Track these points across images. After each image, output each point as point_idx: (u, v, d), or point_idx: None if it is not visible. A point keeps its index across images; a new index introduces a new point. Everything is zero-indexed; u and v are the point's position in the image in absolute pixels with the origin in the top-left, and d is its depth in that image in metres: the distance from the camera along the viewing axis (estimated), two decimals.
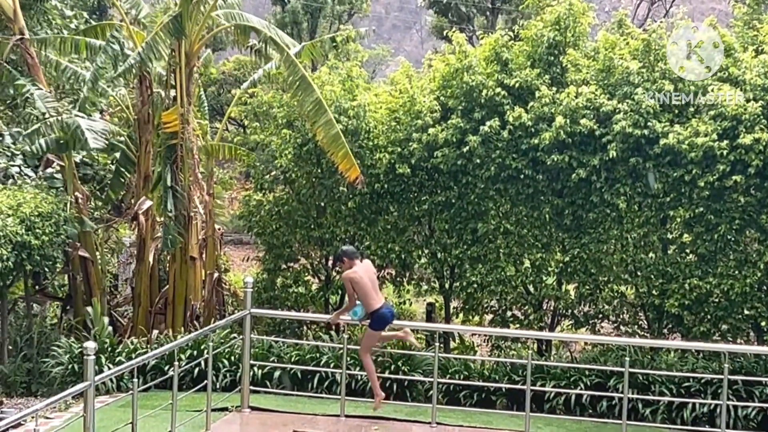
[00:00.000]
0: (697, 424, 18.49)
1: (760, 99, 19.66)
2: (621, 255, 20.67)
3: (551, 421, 18.69)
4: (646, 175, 20.11)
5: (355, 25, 42.66)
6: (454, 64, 21.79)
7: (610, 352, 20.00)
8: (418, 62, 25.85)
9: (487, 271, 21.43)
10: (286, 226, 22.83)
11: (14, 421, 14.69)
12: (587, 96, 20.38)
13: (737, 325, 20.37)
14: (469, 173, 21.16)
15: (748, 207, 19.74)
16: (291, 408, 18.90)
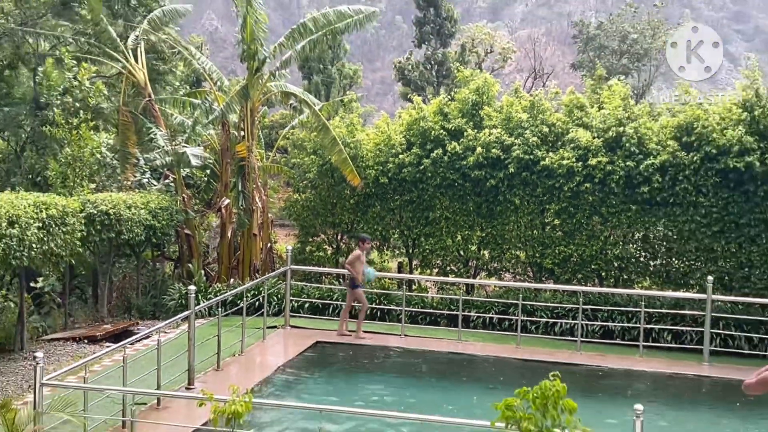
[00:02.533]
0: (564, 335, 18.56)
1: (600, 137, 19.72)
2: (516, 232, 20.69)
3: (474, 334, 18.79)
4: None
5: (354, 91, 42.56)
6: (414, 116, 21.84)
7: (510, 291, 20.02)
8: (393, 115, 25.82)
9: (435, 242, 21.49)
10: (312, 215, 22.85)
11: (145, 334, 14.67)
12: (496, 135, 20.44)
13: (587, 275, 20.42)
14: (423, 182, 21.18)
15: (594, 203, 19.79)
16: (315, 326, 18.98)
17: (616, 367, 16.79)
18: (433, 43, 43.36)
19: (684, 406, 15.02)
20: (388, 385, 15.81)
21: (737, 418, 13.86)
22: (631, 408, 8.64)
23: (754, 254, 18.83)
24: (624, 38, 50.06)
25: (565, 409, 7.36)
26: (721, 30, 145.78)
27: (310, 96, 24.86)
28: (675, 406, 14.84)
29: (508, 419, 7.50)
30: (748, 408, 13.48)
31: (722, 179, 18.84)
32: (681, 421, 14.02)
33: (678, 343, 18.21)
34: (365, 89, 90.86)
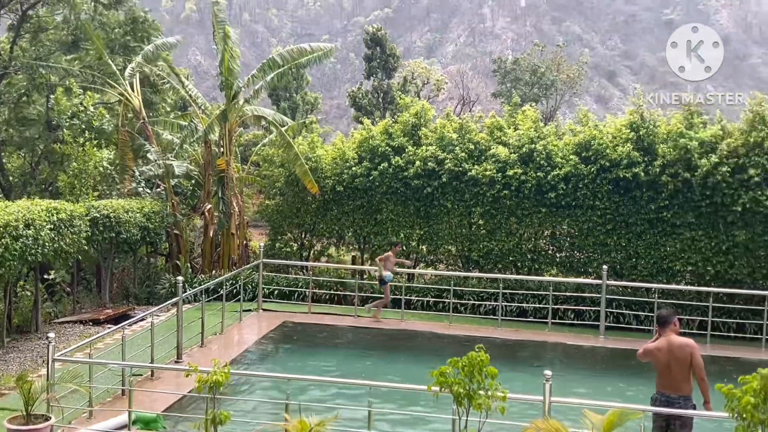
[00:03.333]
0: (487, 315, 18.68)
1: (516, 152, 19.86)
2: (448, 230, 20.73)
3: (415, 314, 18.84)
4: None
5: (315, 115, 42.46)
6: (364, 135, 21.79)
7: (444, 279, 20.11)
8: (347, 134, 25.76)
9: (382, 239, 21.43)
10: (280, 217, 22.64)
11: (141, 317, 14.51)
12: (431, 151, 20.46)
13: (506, 265, 20.53)
14: (372, 190, 21.14)
15: (511, 206, 19.90)
16: (283, 309, 18.90)
17: (529, 339, 16.99)
18: (379, 76, 43.36)
19: (584, 371, 15.22)
20: (343, 356, 15.84)
21: (624, 380, 14.09)
22: (541, 373, 8.74)
23: (640, 247, 19.11)
24: (534, 72, 50.65)
25: (488, 374, 7.45)
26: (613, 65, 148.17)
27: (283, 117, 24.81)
28: (577, 372, 15.03)
29: (442, 384, 7.57)
30: (632, 371, 13.68)
31: (614, 187, 19.08)
32: (581, 383, 14.20)
33: (579, 320, 18.44)
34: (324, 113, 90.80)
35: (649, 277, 18.99)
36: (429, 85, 49.16)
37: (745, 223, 18.06)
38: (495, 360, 7.65)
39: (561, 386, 12.39)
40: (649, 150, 18.89)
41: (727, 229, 18.29)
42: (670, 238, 18.84)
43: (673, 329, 8.96)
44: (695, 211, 18.53)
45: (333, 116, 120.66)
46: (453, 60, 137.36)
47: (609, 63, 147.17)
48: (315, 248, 23.28)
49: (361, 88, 44.27)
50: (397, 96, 27.55)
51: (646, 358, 9.09)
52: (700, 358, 8.70)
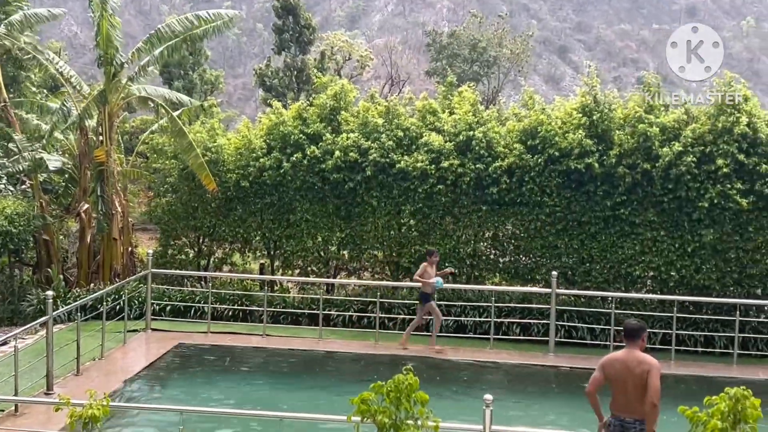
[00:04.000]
0: (419, 329, 18.78)
1: (452, 140, 20.05)
2: (374, 232, 20.79)
3: (335, 331, 18.86)
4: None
5: (215, 97, 42.10)
6: (274, 120, 21.71)
7: (369, 290, 20.18)
8: (254, 119, 25.63)
9: (296, 244, 21.39)
10: (173, 219, 22.37)
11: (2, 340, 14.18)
12: (353, 139, 20.49)
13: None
14: (284, 185, 21.06)
15: (447, 203, 20.08)
16: (177, 329, 18.73)
17: (468, 359, 17.14)
18: (292, 51, 43.19)
19: (530, 395, 15.43)
20: (250, 384, 15.69)
21: (576, 403, 14.30)
22: (481, 398, 8.82)
23: (594, 250, 19.49)
24: (474, 47, 51.13)
25: (417, 401, 7.46)
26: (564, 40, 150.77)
27: (183, 97, 24.51)
28: (522, 395, 15.24)
29: (364, 413, 7.55)
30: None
31: (565, 180, 19.42)
32: (527, 408, 14.41)
33: (526, 335, 18.71)
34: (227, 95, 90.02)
35: (605, 284, 19.39)
36: (351, 61, 49.22)
37: (712, 220, 18.61)
38: (428, 383, 7.70)
39: (504, 412, 12.59)
40: (604, 137, 19.29)
41: (693, 228, 18.80)
42: (629, 239, 19.26)
43: (640, 345, 9.15)
44: (656, 208, 19.00)
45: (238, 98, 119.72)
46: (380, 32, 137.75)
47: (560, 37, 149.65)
48: (215, 255, 23.08)
49: (270, 65, 44.03)
50: (313, 74, 27.50)
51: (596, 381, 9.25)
52: (657, 379, 8.84)
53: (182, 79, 42.32)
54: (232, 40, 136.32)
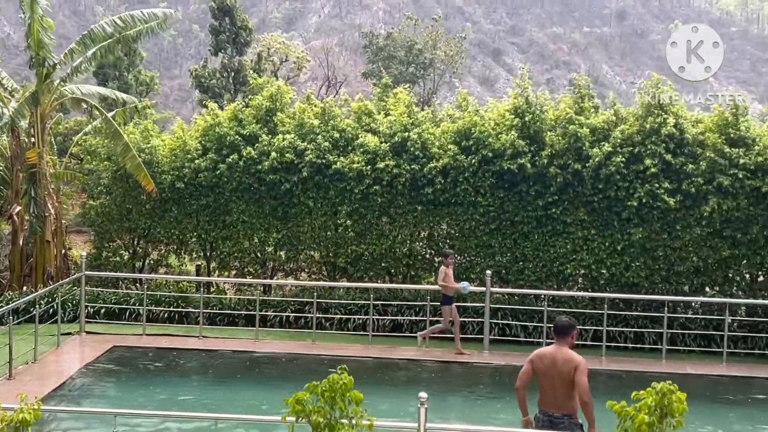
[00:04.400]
0: (357, 330, 18.78)
1: (387, 142, 20.08)
2: (311, 233, 20.73)
3: (272, 332, 18.77)
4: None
5: (151, 98, 41.59)
6: (209, 121, 21.54)
7: (306, 290, 20.10)
8: (191, 121, 25.40)
9: (232, 245, 21.25)
10: (107, 221, 22.05)
11: None
12: (289, 140, 20.42)
13: (378, 272, 20.72)
14: (220, 187, 20.90)
15: (383, 204, 20.10)
16: (112, 331, 18.48)
17: (404, 358, 17.18)
18: (229, 52, 42.89)
19: (466, 392, 15.53)
20: (185, 386, 15.53)
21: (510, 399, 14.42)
22: (416, 396, 8.83)
23: (527, 249, 19.68)
24: (410, 49, 51.32)
25: (352, 400, 7.46)
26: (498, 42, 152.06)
27: (119, 93, 24.17)
28: (457, 392, 15.33)
29: (299, 413, 7.52)
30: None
31: (498, 180, 19.58)
32: (462, 405, 14.50)
33: (462, 333, 18.78)
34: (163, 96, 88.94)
35: (537, 282, 19.60)
36: (288, 63, 49.04)
37: (641, 219, 18.92)
38: (365, 383, 7.69)
39: (440, 410, 12.64)
40: (536, 138, 19.50)
41: (622, 227, 19.10)
42: (560, 238, 19.50)
43: (569, 341, 9.25)
44: (587, 207, 19.27)
45: (174, 99, 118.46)
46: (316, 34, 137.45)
47: (494, 40, 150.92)
48: (151, 257, 22.81)
49: (206, 66, 43.66)
50: (249, 76, 27.30)
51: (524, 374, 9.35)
52: (584, 376, 8.95)
53: (117, 80, 41.67)
54: (168, 41, 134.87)
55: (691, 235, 18.81)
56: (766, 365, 17.47)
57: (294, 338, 18.54)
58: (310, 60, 54.11)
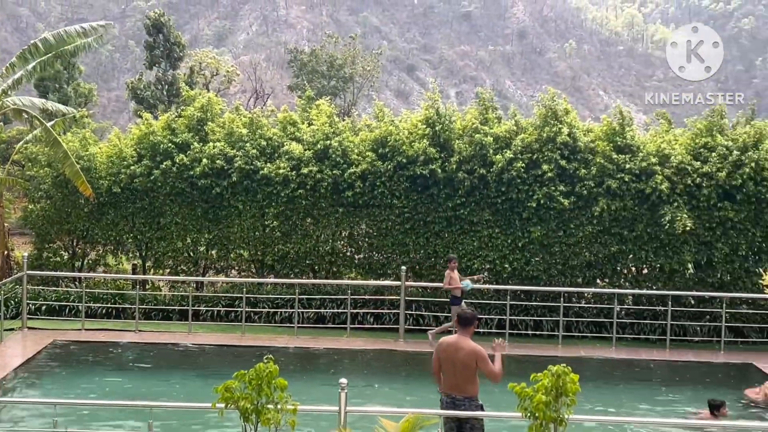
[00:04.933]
0: (283, 323, 18.65)
1: (311, 149, 19.97)
2: (240, 233, 20.47)
3: (204, 326, 18.55)
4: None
5: (89, 109, 40.69)
6: (144, 130, 21.14)
7: (236, 286, 19.89)
8: (126, 130, 24.91)
9: (166, 245, 20.87)
10: (48, 223, 21.43)
11: None
12: (219, 148, 20.16)
13: (303, 269, 20.58)
14: (154, 191, 20.52)
15: (307, 206, 19.96)
16: (52, 327, 18.04)
17: (327, 347, 17.16)
18: (163, 66, 42.34)
19: (383, 377, 15.57)
20: (123, 377, 15.24)
21: (424, 384, 14.53)
22: (337, 382, 8.82)
23: (438, 246, 19.79)
24: (331, 64, 51.36)
25: (277, 387, 7.43)
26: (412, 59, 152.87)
27: (59, 105, 23.52)
28: (376, 378, 15.36)
29: (228, 400, 7.47)
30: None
31: (412, 184, 19.65)
32: (380, 389, 14.53)
33: (379, 323, 18.87)
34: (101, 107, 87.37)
35: None
36: (219, 76, 48.65)
37: (539, 219, 19.21)
38: (290, 371, 7.67)
39: (359, 395, 12.65)
40: (446, 146, 19.63)
41: (523, 226, 19.36)
42: (468, 236, 19.66)
43: (470, 331, 9.36)
44: (491, 208, 19.47)
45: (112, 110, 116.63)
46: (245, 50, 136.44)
47: (408, 56, 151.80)
48: (89, 257, 22.26)
49: (141, 79, 42.98)
50: (182, 88, 26.90)
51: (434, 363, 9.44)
52: (487, 365, 9.05)
53: (57, 92, 40.71)
54: (106, 56, 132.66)
55: (584, 233, 19.14)
56: (651, 348, 17.93)
57: (225, 331, 18.35)
58: (239, 74, 53.71)
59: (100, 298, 19.43)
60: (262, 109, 25.10)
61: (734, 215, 18.60)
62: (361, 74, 52.93)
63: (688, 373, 16.24)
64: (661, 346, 17.97)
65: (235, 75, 50.87)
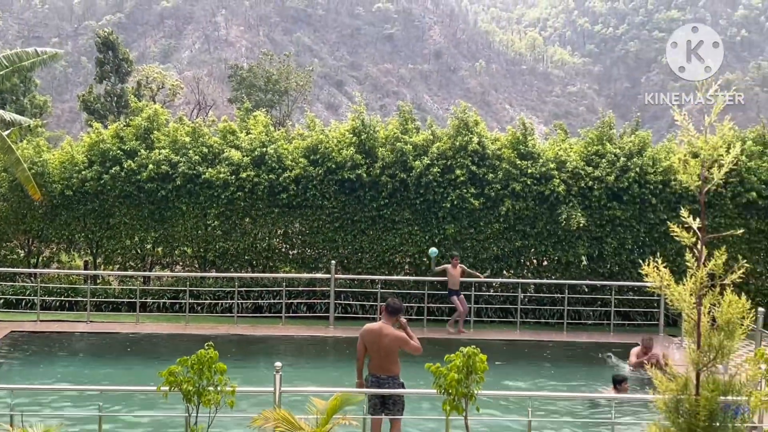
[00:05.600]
0: (224, 313, 18.39)
1: (249, 155, 19.76)
2: (184, 232, 20.12)
3: (151, 316, 18.20)
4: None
5: (44, 119, 39.55)
6: (95, 138, 20.61)
7: (180, 280, 19.55)
8: (78, 139, 24.23)
9: (116, 243, 20.40)
10: (5, 224, 20.72)
11: None
12: (164, 154, 19.78)
13: (242, 264, 20.37)
14: (104, 194, 20.03)
15: (245, 207, 19.74)
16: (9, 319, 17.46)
17: (264, 334, 17.02)
18: (112, 80, 41.40)
19: (315, 361, 15.51)
20: (77, 364, 14.85)
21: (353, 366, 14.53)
22: (273, 365, 8.75)
23: (365, 242, 19.80)
24: (268, 79, 50.96)
25: (217, 370, 7.33)
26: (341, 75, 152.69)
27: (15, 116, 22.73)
28: (308, 361, 15.30)
29: (171, 383, 7.34)
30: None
31: (340, 187, 19.62)
32: (312, 372, 14.48)
33: (311, 312, 18.78)
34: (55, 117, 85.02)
35: (372, 269, 19.75)
36: (164, 90, 47.84)
37: (453, 217, 19.38)
38: (230, 356, 7.55)
39: (294, 377, 12.58)
40: (370, 153, 19.65)
41: (439, 224, 19.50)
42: (391, 233, 19.71)
43: (394, 321, 9.38)
44: (411, 208, 19.56)
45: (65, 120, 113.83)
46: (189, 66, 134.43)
47: (337, 73, 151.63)
48: (44, 255, 21.63)
49: (92, 91, 41.93)
50: (131, 100, 26.31)
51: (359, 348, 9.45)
52: (409, 344, 9.16)
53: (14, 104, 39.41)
54: (60, 70, 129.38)
55: (492, 230, 19.38)
56: (550, 331, 18.28)
57: (170, 321, 18.01)
58: (183, 87, 52.93)
59: (54, 292, 18.91)
60: (204, 119, 24.73)
61: (621, 214, 19.10)
62: (295, 88, 52.66)
63: (583, 352, 16.59)
64: (559, 329, 18.32)
65: (180, 88, 50.10)
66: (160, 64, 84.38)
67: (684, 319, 5.85)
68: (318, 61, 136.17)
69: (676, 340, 16.77)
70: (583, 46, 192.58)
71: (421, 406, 11.53)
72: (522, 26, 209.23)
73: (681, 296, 5.70)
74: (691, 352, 5.69)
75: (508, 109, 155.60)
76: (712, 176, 5.67)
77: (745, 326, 5.66)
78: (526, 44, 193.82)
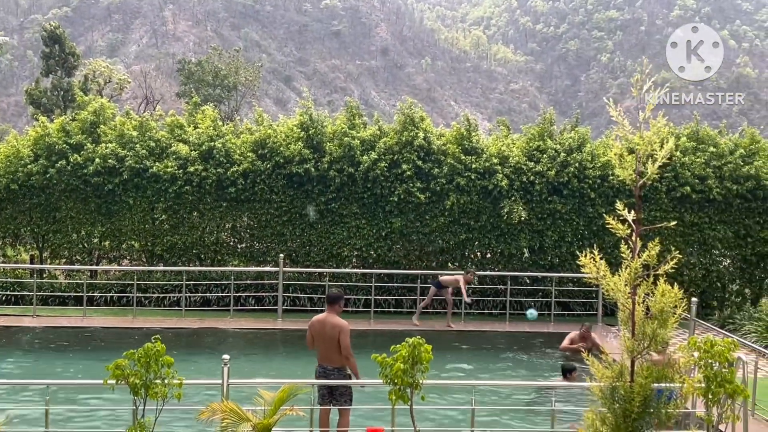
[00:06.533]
0: (172, 306, 18.12)
1: (196, 150, 19.43)
2: (132, 226, 19.71)
3: (98, 310, 17.81)
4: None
5: None
6: (40, 132, 20.06)
7: (128, 274, 19.20)
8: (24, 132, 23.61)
9: (62, 237, 19.90)
10: None
11: None
12: (111, 148, 19.36)
13: (190, 258, 20.08)
14: (50, 188, 19.52)
15: (193, 201, 19.47)
16: None
17: (212, 327, 16.83)
18: (59, 74, 40.42)
19: (263, 353, 15.43)
20: (23, 359, 14.50)
21: (300, 357, 14.47)
22: (221, 358, 8.66)
23: (313, 236, 19.70)
24: (217, 74, 50.39)
25: (164, 363, 7.24)
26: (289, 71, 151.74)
27: None
28: (256, 353, 15.21)
29: (118, 377, 7.22)
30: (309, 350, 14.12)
31: (288, 181, 19.49)
32: (260, 363, 14.39)
33: (260, 305, 18.64)
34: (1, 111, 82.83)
35: (321, 262, 19.69)
36: (111, 84, 46.95)
37: (400, 211, 19.42)
38: (178, 349, 7.44)
39: (242, 369, 12.46)
40: (318, 148, 19.56)
41: (386, 218, 19.53)
42: (339, 227, 19.66)
43: (337, 309, 9.39)
44: (359, 202, 19.54)
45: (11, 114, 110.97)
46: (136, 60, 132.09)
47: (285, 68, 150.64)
48: None
49: (39, 85, 40.89)
50: (77, 94, 25.69)
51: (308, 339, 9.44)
52: (346, 338, 9.17)
53: None
54: (5, 64, 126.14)
55: (437, 223, 19.47)
56: (494, 321, 18.45)
57: (117, 315, 17.69)
58: (130, 82, 52.05)
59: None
60: (152, 113, 24.32)
61: (561, 207, 19.39)
62: (244, 83, 52.21)
63: (525, 342, 16.80)
64: (501, 319, 18.52)
65: (127, 83, 49.29)
66: (108, 58, 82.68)
67: (620, 308, 5.96)
68: (266, 56, 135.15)
69: (614, 329, 17.09)
70: (526, 44, 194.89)
71: (368, 396, 11.54)
72: (466, 24, 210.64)
73: (616, 286, 5.82)
74: (626, 340, 5.81)
75: (453, 105, 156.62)
76: (646, 170, 5.79)
77: (678, 315, 5.80)
78: (470, 42, 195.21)
